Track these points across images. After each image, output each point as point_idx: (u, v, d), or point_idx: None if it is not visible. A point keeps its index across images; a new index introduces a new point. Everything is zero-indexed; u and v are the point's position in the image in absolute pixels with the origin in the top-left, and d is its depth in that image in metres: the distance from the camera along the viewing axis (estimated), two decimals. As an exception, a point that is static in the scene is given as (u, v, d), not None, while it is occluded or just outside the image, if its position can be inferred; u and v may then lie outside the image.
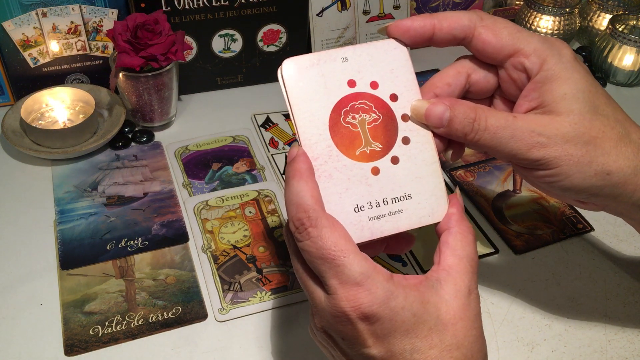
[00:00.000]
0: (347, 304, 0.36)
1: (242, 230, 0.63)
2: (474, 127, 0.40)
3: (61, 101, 0.74)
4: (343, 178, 0.40)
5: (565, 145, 0.40)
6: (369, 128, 0.41)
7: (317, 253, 0.36)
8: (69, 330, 0.53)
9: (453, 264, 0.39)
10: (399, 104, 0.42)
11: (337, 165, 0.40)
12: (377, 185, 0.40)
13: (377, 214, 0.40)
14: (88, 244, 0.61)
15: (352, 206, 0.40)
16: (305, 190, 0.37)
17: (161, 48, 0.69)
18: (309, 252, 0.37)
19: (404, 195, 0.41)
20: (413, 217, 0.41)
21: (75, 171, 0.70)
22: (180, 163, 0.72)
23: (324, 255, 0.36)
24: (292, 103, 0.40)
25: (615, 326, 0.56)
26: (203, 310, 0.56)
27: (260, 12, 0.79)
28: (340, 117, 0.40)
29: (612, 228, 0.66)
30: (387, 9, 0.87)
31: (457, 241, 0.40)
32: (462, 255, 0.39)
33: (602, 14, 0.95)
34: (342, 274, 0.36)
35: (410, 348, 0.36)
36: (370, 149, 0.41)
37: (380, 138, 0.41)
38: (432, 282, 0.38)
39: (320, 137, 0.40)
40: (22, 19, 0.73)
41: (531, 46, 0.41)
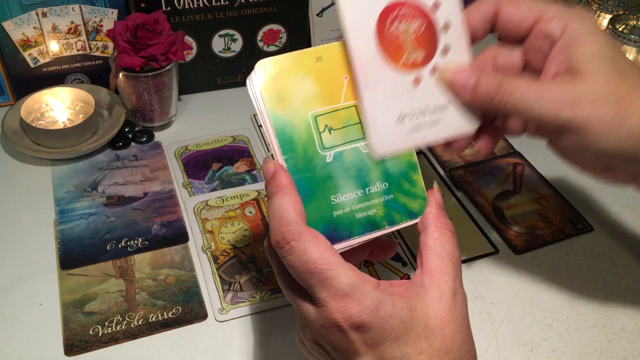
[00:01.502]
0: (339, 315, 0.36)
1: (242, 230, 0.63)
2: (500, 90, 0.39)
3: (61, 101, 0.74)
4: (387, 88, 0.40)
5: (596, 105, 0.38)
6: (412, 37, 0.40)
7: (304, 268, 0.36)
8: (69, 330, 0.53)
9: (435, 266, 0.38)
10: (441, 13, 0.41)
11: (382, 74, 0.39)
12: (418, 96, 0.40)
13: (417, 124, 0.40)
14: (88, 244, 0.61)
15: (396, 116, 0.40)
16: (287, 205, 0.37)
17: (161, 48, 0.69)
18: (295, 267, 0.36)
19: (442, 105, 0.41)
20: (449, 127, 0.41)
21: (75, 171, 0.70)
22: (180, 163, 0.72)
23: (310, 269, 0.36)
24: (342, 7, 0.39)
25: (615, 326, 0.56)
26: (203, 310, 0.56)
27: (260, 12, 0.79)
28: (386, 25, 0.40)
29: (612, 228, 0.66)
30: (387, 9, 0.87)
31: (436, 240, 0.39)
32: (443, 255, 0.39)
33: (602, 14, 0.95)
34: (330, 287, 0.36)
35: (400, 355, 0.36)
36: (412, 59, 0.40)
37: (422, 47, 0.40)
38: (417, 288, 0.38)
39: (368, 45, 0.39)
40: (22, 19, 0.73)
41: (552, 11, 0.41)
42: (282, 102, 0.39)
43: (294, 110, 0.39)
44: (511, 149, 0.76)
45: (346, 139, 0.40)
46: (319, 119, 0.40)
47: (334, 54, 0.41)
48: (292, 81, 0.40)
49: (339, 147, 0.40)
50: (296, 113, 0.39)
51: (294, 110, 0.39)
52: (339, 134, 0.40)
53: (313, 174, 0.39)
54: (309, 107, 0.40)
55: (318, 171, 0.40)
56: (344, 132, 0.40)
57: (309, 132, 0.40)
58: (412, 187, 0.41)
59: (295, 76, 0.40)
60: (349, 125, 0.40)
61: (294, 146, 0.39)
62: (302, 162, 0.39)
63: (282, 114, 0.39)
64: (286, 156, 0.39)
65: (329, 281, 0.36)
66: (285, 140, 0.39)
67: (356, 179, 0.40)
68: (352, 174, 0.40)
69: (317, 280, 0.36)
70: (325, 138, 0.40)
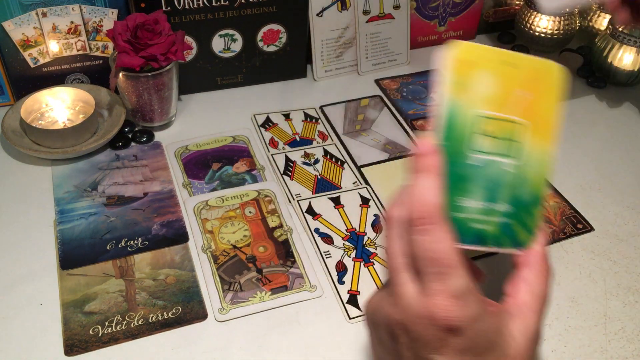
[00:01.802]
0: (440, 311, 0.36)
1: (242, 230, 0.63)
2: None
3: (61, 101, 0.74)
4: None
5: None
6: None
7: (429, 253, 0.36)
8: (69, 330, 0.53)
9: (527, 302, 0.39)
10: None
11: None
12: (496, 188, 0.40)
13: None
14: (88, 244, 0.61)
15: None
16: (435, 189, 0.37)
17: (161, 48, 0.69)
18: (422, 248, 0.36)
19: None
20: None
21: (75, 171, 0.70)
22: (180, 163, 0.72)
23: (435, 257, 0.36)
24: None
25: (615, 326, 0.56)
26: (203, 310, 0.56)
27: (260, 12, 0.79)
28: None
29: (612, 228, 0.66)
30: (387, 9, 0.87)
31: (537, 279, 0.40)
32: (539, 295, 0.39)
33: (601, 14, 0.95)
34: (446, 282, 0.36)
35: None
36: None
37: None
38: (505, 315, 0.38)
39: None
40: (22, 19, 0.73)
41: None
42: (462, 90, 0.39)
43: (469, 102, 0.39)
44: (511, 149, 0.76)
45: (496, 150, 0.40)
46: (484, 120, 0.39)
47: (526, 67, 0.40)
48: (479, 74, 0.39)
49: (486, 155, 0.40)
50: (468, 105, 0.39)
51: (468, 102, 0.39)
52: (492, 143, 0.40)
53: (453, 169, 0.39)
54: (482, 105, 0.39)
55: (457, 168, 0.39)
56: (500, 144, 0.40)
57: (469, 128, 0.39)
58: (530, 220, 0.41)
59: (484, 70, 0.39)
60: (506, 140, 0.40)
61: (454, 136, 0.39)
62: (452, 154, 0.39)
63: (457, 100, 0.39)
64: (446, 142, 0.39)
65: (447, 277, 0.36)
66: (450, 126, 0.39)
67: (487, 190, 0.40)
68: (484, 185, 0.40)
69: (436, 270, 0.36)
70: (479, 141, 0.40)
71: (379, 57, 0.89)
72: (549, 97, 0.41)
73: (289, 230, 0.64)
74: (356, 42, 0.87)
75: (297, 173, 0.71)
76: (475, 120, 0.39)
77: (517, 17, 0.98)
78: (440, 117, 0.39)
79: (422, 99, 0.85)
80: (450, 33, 0.97)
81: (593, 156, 0.76)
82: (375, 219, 0.66)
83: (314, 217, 0.65)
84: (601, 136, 0.80)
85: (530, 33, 0.95)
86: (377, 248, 0.62)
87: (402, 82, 0.88)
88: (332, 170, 0.72)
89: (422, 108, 0.83)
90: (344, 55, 0.87)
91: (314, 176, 0.71)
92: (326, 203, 0.67)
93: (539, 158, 0.40)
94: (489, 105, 0.39)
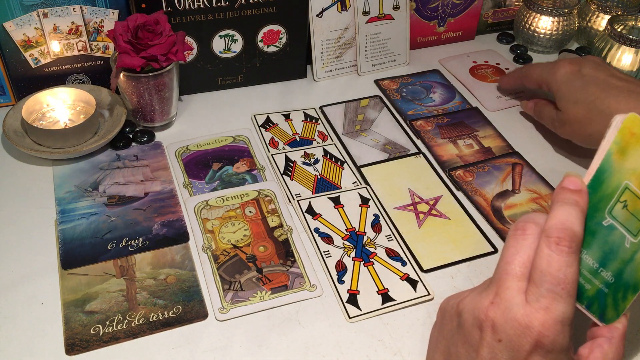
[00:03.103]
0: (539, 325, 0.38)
1: (243, 229, 0.64)
2: None
3: (62, 101, 0.74)
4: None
5: None
6: None
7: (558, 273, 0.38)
8: (70, 330, 0.54)
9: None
10: None
11: None
12: None
13: None
14: (89, 244, 0.61)
15: None
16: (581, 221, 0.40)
17: (162, 48, 0.69)
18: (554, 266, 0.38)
19: None
20: None
21: (76, 171, 0.70)
22: (181, 163, 0.72)
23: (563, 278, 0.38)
24: None
25: (613, 325, 0.56)
26: (203, 309, 0.56)
27: (260, 13, 0.79)
28: None
29: (611, 228, 0.66)
30: (387, 10, 0.87)
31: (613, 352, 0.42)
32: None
33: (600, 15, 0.95)
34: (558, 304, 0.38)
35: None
36: None
37: None
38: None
39: None
40: (23, 19, 0.73)
41: None
42: (621, 155, 0.42)
43: (621, 168, 0.42)
44: (510, 149, 0.76)
45: (627, 224, 0.42)
46: (627, 192, 0.42)
47: None
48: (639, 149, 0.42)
49: (617, 223, 0.42)
50: (620, 172, 0.42)
51: (621, 168, 0.42)
52: (626, 215, 0.42)
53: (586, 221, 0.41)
54: (631, 177, 0.42)
55: (590, 223, 0.42)
56: (631, 218, 0.42)
57: (614, 192, 0.42)
58: (623, 301, 0.43)
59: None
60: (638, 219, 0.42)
61: (597, 191, 0.42)
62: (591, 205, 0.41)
63: (614, 162, 0.42)
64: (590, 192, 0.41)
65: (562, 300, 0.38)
66: (597, 180, 0.42)
67: (603, 254, 0.42)
68: (604, 248, 0.42)
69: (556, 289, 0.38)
70: (617, 208, 0.42)
71: (378, 57, 0.89)
72: None
73: (289, 230, 0.64)
74: (356, 43, 0.87)
75: (297, 173, 0.71)
76: (622, 188, 0.42)
77: (516, 17, 0.98)
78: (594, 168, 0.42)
79: (421, 99, 0.85)
80: (449, 33, 0.97)
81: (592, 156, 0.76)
82: (375, 218, 0.66)
83: (313, 217, 0.66)
84: (600, 136, 0.80)
85: (530, 33, 0.95)
86: (376, 248, 0.63)
87: (402, 82, 0.88)
88: (332, 170, 0.72)
89: (421, 108, 0.83)
90: (343, 55, 0.87)
91: (314, 176, 0.71)
92: (326, 203, 0.67)
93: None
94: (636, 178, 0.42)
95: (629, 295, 0.43)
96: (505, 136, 0.78)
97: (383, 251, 0.62)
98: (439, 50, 0.96)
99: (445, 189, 0.70)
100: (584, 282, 0.42)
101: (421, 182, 0.71)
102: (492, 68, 0.92)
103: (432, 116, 0.81)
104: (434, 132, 0.79)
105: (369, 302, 0.57)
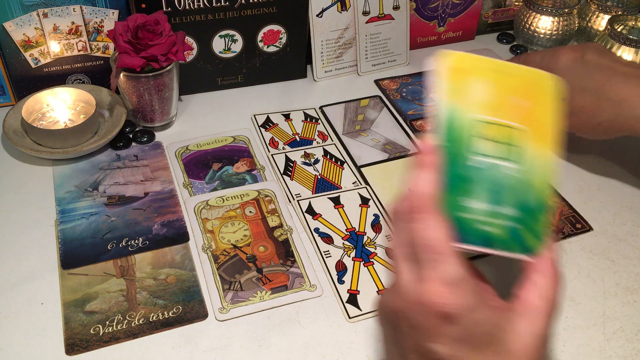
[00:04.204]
0: (434, 297, 0.36)
1: (243, 229, 0.64)
2: None
3: (62, 101, 0.74)
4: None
5: None
6: None
7: (424, 240, 0.37)
8: (70, 330, 0.54)
9: (537, 304, 0.39)
10: None
11: None
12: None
13: None
14: (89, 244, 0.61)
15: None
16: (430, 181, 0.38)
17: (162, 48, 0.69)
18: (417, 236, 0.37)
19: None
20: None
21: (76, 171, 0.70)
22: (181, 163, 0.72)
23: (429, 244, 0.37)
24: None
25: (614, 325, 0.56)
26: (203, 309, 0.56)
27: (260, 13, 0.79)
28: None
29: (611, 228, 0.66)
30: (387, 10, 0.87)
31: (548, 284, 0.40)
32: (549, 299, 0.40)
33: (600, 15, 0.95)
34: (440, 269, 0.36)
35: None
36: None
37: None
38: (510, 313, 0.39)
39: None
40: (23, 19, 0.73)
41: None
42: (459, 95, 0.40)
43: (467, 107, 0.40)
44: (510, 149, 0.76)
45: (500, 154, 0.41)
46: (485, 125, 0.40)
47: (521, 75, 0.41)
48: (476, 81, 0.40)
49: (489, 158, 0.41)
50: (467, 110, 0.40)
51: (467, 107, 0.40)
52: (495, 147, 0.41)
53: (456, 170, 0.40)
54: (481, 110, 0.40)
55: (461, 170, 0.40)
56: (501, 148, 0.41)
57: (470, 132, 0.40)
58: (538, 226, 0.42)
59: (480, 78, 0.41)
60: (508, 145, 0.41)
61: (454, 138, 0.40)
62: (453, 155, 0.40)
63: (456, 105, 0.40)
64: (445, 144, 0.40)
65: (442, 264, 0.36)
66: (449, 129, 0.40)
67: (491, 193, 0.40)
68: (489, 187, 0.40)
69: (431, 257, 0.37)
70: (481, 144, 0.40)
71: (378, 57, 0.89)
72: (545, 106, 0.42)
73: (289, 230, 0.64)
74: (356, 43, 0.87)
75: (297, 173, 0.71)
76: (473, 124, 0.40)
77: (516, 17, 0.98)
78: (438, 120, 0.40)
79: (421, 99, 0.85)
80: (449, 33, 0.97)
81: (592, 156, 0.76)
82: (375, 218, 0.66)
83: (313, 217, 0.66)
84: (600, 136, 0.80)
85: (530, 33, 0.95)
86: (376, 248, 0.63)
87: (402, 82, 0.88)
88: (332, 170, 0.72)
89: (421, 108, 0.83)
90: (343, 55, 0.87)
91: (314, 176, 0.71)
92: (326, 203, 0.67)
93: (541, 164, 0.41)
94: (486, 110, 0.40)
95: (541, 218, 0.41)
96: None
97: (383, 251, 0.62)
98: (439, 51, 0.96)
99: (446, 189, 0.70)
100: (488, 228, 0.40)
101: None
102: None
103: (432, 116, 0.81)
104: (434, 132, 0.79)
105: (369, 302, 0.57)
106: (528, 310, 0.39)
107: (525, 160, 0.41)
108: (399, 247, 0.40)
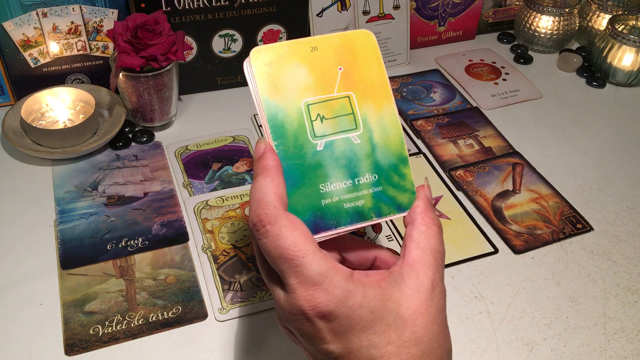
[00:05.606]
0: (305, 303, 0.36)
1: (242, 230, 0.64)
2: None
3: (61, 101, 0.74)
4: None
5: None
6: None
7: (276, 252, 0.36)
8: (69, 330, 0.54)
9: (416, 258, 0.38)
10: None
11: None
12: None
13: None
14: (88, 244, 0.61)
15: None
16: (268, 187, 0.37)
17: (161, 48, 0.69)
18: (268, 250, 0.37)
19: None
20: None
21: (75, 171, 0.70)
22: (181, 163, 0.72)
23: (282, 254, 0.36)
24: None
25: (614, 326, 0.56)
26: (203, 309, 0.56)
27: (260, 12, 0.79)
28: None
29: (612, 228, 0.66)
30: (387, 9, 0.87)
31: (422, 233, 0.39)
32: (427, 248, 0.39)
33: (601, 14, 0.95)
34: (300, 274, 0.36)
35: (368, 344, 0.36)
36: None
37: None
38: (395, 278, 0.38)
39: None
40: (23, 19, 0.73)
41: None
42: (275, 89, 0.40)
43: (287, 98, 0.40)
44: (511, 149, 0.76)
45: (338, 128, 0.41)
46: (312, 107, 0.40)
47: (329, 44, 0.41)
48: (286, 69, 0.40)
49: (330, 136, 0.40)
50: (289, 101, 0.40)
51: (287, 98, 0.40)
52: (330, 124, 0.40)
53: (303, 162, 0.40)
54: (302, 95, 0.40)
55: (308, 159, 0.40)
56: (336, 121, 0.40)
57: (300, 120, 0.40)
58: (402, 181, 0.41)
59: (290, 64, 0.40)
60: (341, 116, 0.41)
61: (286, 133, 0.40)
62: (292, 149, 0.40)
63: (275, 100, 0.40)
64: (277, 142, 0.39)
65: (299, 268, 0.36)
66: (277, 126, 0.39)
67: (346, 168, 0.40)
68: (342, 164, 0.40)
69: (288, 266, 0.36)
70: (317, 127, 0.40)
71: (378, 57, 0.89)
72: (363, 63, 0.42)
73: (288, 230, 0.64)
74: (356, 42, 0.87)
75: (297, 173, 0.71)
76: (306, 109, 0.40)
77: (517, 17, 0.98)
78: (263, 121, 0.39)
79: (422, 99, 0.85)
80: (450, 33, 0.97)
81: (592, 156, 0.76)
82: (375, 218, 0.66)
83: (313, 217, 0.65)
84: (601, 136, 0.80)
85: (530, 33, 0.95)
86: (376, 248, 0.62)
87: (402, 82, 0.88)
88: (332, 170, 0.72)
89: (421, 108, 0.83)
90: (343, 55, 0.87)
91: (314, 176, 0.71)
92: (326, 203, 0.67)
93: (380, 119, 0.41)
94: (308, 92, 0.40)
95: (402, 171, 0.41)
96: (505, 136, 0.78)
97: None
98: (439, 50, 0.96)
99: (446, 189, 0.70)
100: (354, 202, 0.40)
101: (421, 182, 0.71)
102: (488, 66, 0.92)
103: (433, 116, 0.81)
104: (434, 132, 0.78)
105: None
106: (410, 268, 0.38)
107: (363, 123, 0.41)
108: (261, 267, 0.39)
